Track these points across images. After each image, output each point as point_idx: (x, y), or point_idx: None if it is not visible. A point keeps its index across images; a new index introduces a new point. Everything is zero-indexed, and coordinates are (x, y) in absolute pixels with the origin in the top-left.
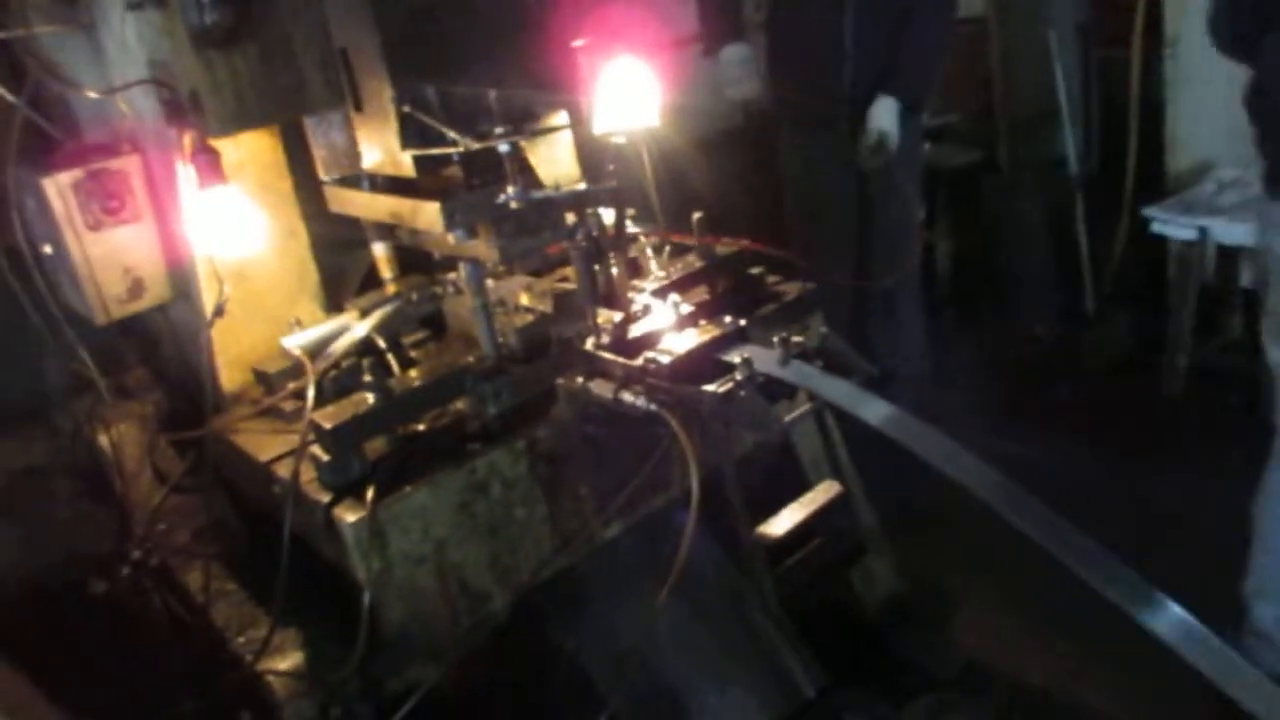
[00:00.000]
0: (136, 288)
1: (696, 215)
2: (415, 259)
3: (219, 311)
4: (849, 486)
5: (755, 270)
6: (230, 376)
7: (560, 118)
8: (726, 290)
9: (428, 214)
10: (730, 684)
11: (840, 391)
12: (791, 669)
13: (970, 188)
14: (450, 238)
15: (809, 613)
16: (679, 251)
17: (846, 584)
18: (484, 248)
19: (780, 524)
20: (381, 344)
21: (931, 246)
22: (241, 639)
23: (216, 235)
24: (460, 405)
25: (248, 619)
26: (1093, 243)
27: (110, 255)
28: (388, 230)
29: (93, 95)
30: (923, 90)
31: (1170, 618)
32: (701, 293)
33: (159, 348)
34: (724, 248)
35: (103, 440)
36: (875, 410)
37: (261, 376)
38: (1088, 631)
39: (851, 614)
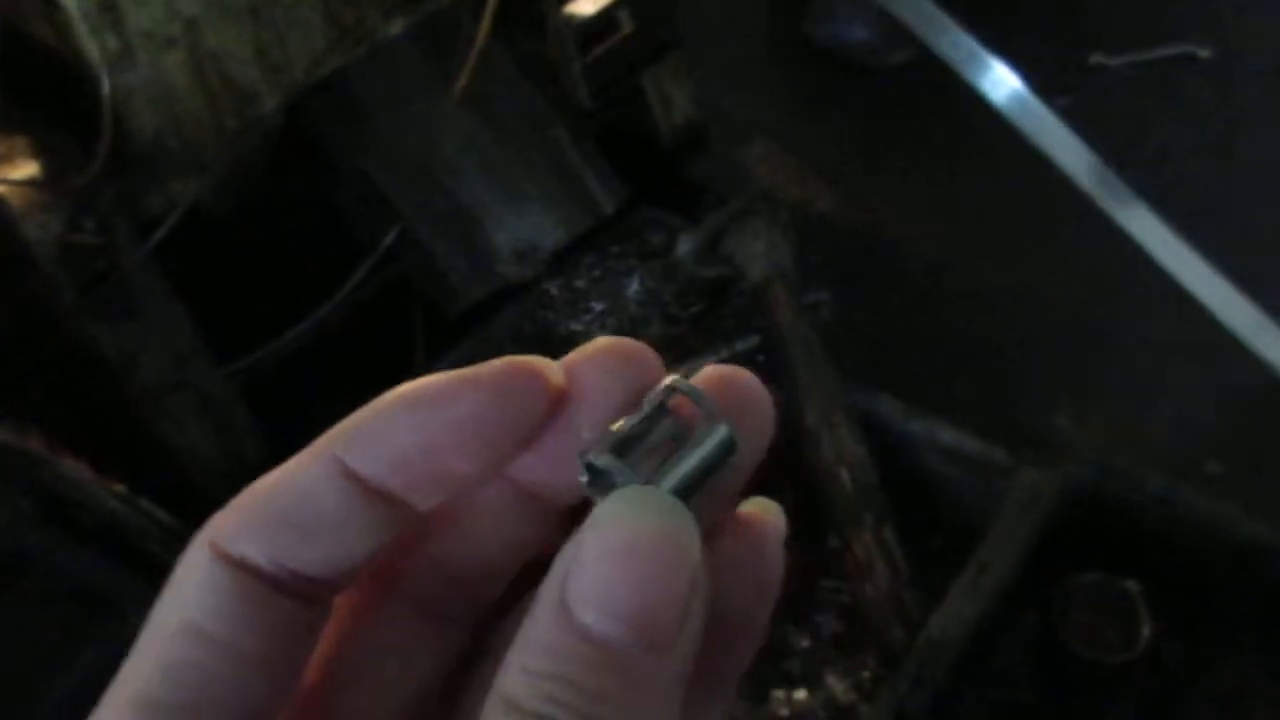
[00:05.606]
0: None
1: None
2: None
3: None
4: None
5: None
6: None
7: None
8: None
9: None
10: (528, 200)
11: None
12: (590, 187)
13: None
14: None
15: (606, 133)
16: None
17: (644, 107)
18: None
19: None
20: None
21: None
22: None
23: None
24: None
25: None
26: None
27: None
28: None
29: None
30: None
31: (1000, 82)
32: None
33: None
34: None
35: None
36: None
37: None
38: (874, 166)
39: (648, 139)
